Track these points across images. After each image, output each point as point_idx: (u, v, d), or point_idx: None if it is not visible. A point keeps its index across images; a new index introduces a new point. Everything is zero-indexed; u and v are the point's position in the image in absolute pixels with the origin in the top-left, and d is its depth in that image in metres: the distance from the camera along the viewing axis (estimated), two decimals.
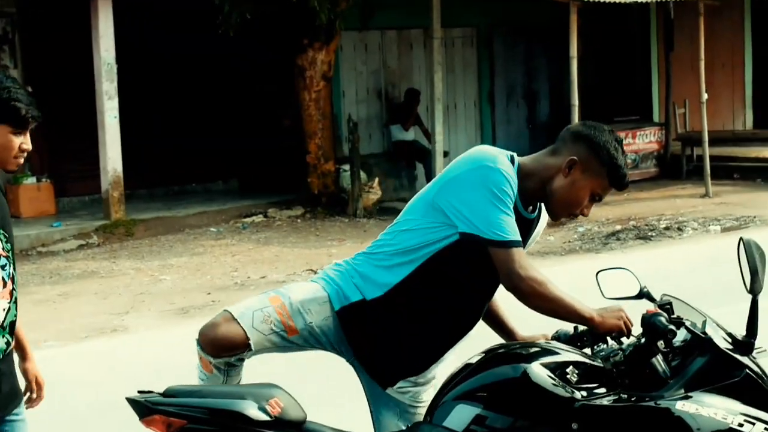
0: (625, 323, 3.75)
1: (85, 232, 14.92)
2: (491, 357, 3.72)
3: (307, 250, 13.74)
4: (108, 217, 15.19)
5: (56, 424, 6.92)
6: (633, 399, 3.56)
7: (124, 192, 15.26)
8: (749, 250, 3.63)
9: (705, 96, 17.76)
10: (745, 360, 3.63)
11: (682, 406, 3.51)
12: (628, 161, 19.10)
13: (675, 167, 20.21)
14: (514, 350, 3.79)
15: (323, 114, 16.92)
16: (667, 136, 20.60)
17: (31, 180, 15.86)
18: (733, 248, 3.95)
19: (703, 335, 3.64)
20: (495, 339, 4.21)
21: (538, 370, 3.53)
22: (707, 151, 17.93)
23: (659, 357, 3.67)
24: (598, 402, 3.54)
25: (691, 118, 20.22)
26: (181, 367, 8.29)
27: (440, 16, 16.71)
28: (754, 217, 15.46)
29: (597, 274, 4.12)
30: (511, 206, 3.75)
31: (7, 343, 3.93)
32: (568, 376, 3.54)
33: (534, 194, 3.95)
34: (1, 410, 3.98)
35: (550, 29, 19.52)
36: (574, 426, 3.47)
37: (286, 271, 12.53)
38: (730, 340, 3.69)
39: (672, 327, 3.65)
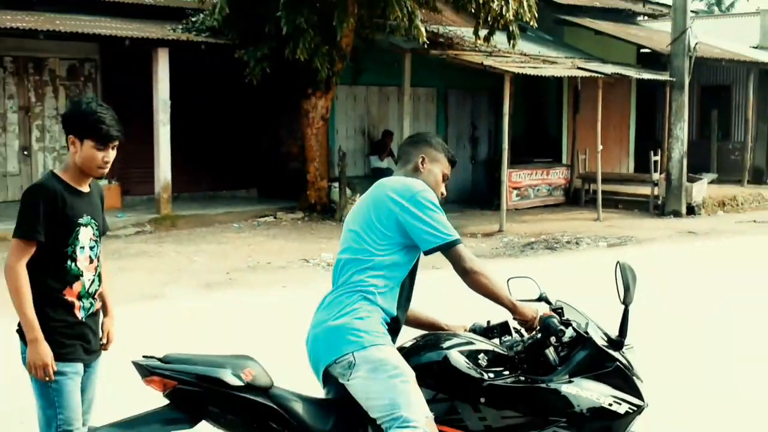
0: (535, 317, 3.65)
1: (141, 223, 14.77)
2: (421, 343, 3.67)
3: (304, 245, 13.55)
4: (158, 212, 15.12)
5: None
6: (529, 381, 3.53)
7: (171, 194, 15.22)
8: (624, 271, 3.59)
9: (600, 147, 17.83)
10: (616, 354, 3.63)
11: (566, 388, 3.51)
12: (539, 192, 19.36)
13: (576, 197, 20.23)
14: (439, 339, 3.66)
15: (320, 145, 16.94)
16: (572, 175, 20.71)
17: (104, 182, 15.77)
18: (614, 260, 3.93)
19: (585, 334, 3.62)
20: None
21: (455, 356, 3.49)
22: (600, 186, 18.02)
23: (551, 349, 3.65)
24: (501, 382, 3.49)
25: (590, 162, 20.27)
26: (199, 326, 8.28)
27: (410, 78, 16.84)
28: (631, 236, 15.48)
29: (508, 280, 4.03)
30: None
31: (92, 305, 4.00)
32: (480, 361, 3.50)
33: None
34: (88, 360, 3.97)
35: (490, 91, 19.60)
36: (482, 400, 3.43)
37: (287, 259, 12.35)
38: (606, 338, 3.69)
39: (562, 327, 3.63)
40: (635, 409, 3.59)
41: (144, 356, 3.44)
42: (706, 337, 8.10)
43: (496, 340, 3.85)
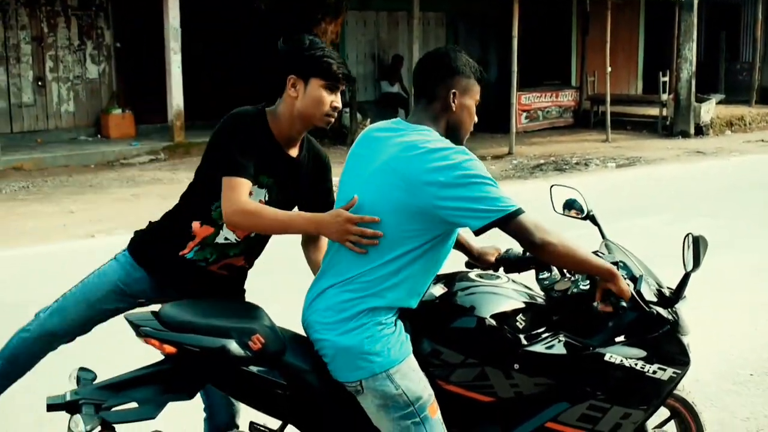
0: (629, 292, 3.00)
1: (155, 150, 14.55)
2: (453, 300, 3.09)
3: None
4: (172, 140, 14.85)
5: None
6: (569, 344, 3.04)
7: (184, 122, 14.94)
8: (696, 243, 3.05)
9: (609, 69, 17.50)
10: (668, 316, 3.14)
11: (609, 356, 3.03)
12: (548, 114, 19.07)
13: (585, 119, 19.92)
14: (472, 296, 3.10)
15: None
16: (581, 97, 20.42)
17: (118, 111, 15.68)
18: (622, 180, 3.58)
19: (640, 300, 3.06)
20: None
21: (490, 321, 2.99)
22: (609, 108, 17.71)
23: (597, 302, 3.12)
24: (539, 348, 3.01)
25: (599, 84, 19.96)
26: None
27: (419, 3, 16.46)
28: (640, 157, 15.24)
29: (551, 187, 3.58)
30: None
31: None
32: (517, 323, 3.03)
33: (449, 134, 3.00)
34: None
35: (498, 15, 19.20)
36: (516, 366, 2.98)
37: None
38: (658, 293, 3.20)
39: (657, 311, 3.13)
40: (679, 372, 3.16)
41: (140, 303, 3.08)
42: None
43: (532, 273, 3.39)
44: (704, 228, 4.61)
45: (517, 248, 3.37)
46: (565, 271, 3.35)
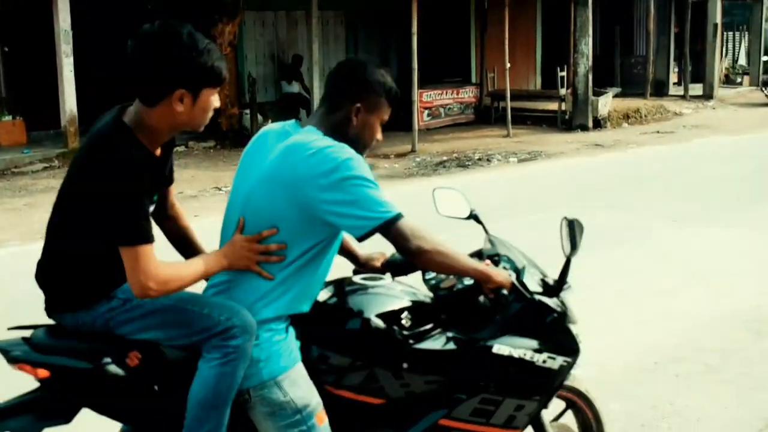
0: (509, 281, 2.98)
1: (48, 158, 14.07)
2: (338, 304, 3.03)
3: (217, 173, 13.14)
4: (66, 146, 14.37)
5: (15, 306, 6.37)
6: (457, 339, 3.00)
7: (78, 127, 14.46)
8: (571, 227, 3.05)
9: (508, 65, 17.73)
10: (554, 305, 3.10)
11: (498, 348, 2.99)
12: (450, 110, 19.14)
13: (486, 115, 20.07)
14: (356, 298, 3.04)
15: (229, 72, 16.12)
16: (481, 93, 20.59)
17: (8, 118, 15.17)
18: (524, 175, 3.57)
19: (522, 289, 3.03)
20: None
21: (375, 321, 2.91)
22: (509, 104, 17.89)
23: (482, 296, 3.11)
24: (426, 345, 2.95)
25: (498, 80, 20.16)
26: None
27: (318, 2, 16.35)
28: (541, 151, 15.43)
29: (434, 191, 3.53)
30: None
31: None
32: (403, 321, 2.95)
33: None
34: None
35: (397, 13, 19.18)
36: (405, 365, 2.91)
37: (199, 188, 11.92)
38: (542, 283, 3.17)
39: (540, 298, 3.09)
40: (569, 361, 3.13)
41: (11, 328, 2.82)
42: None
43: (418, 275, 3.29)
44: (605, 219, 4.62)
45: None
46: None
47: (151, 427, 2.86)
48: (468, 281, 3.11)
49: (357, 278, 3.16)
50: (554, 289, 3.14)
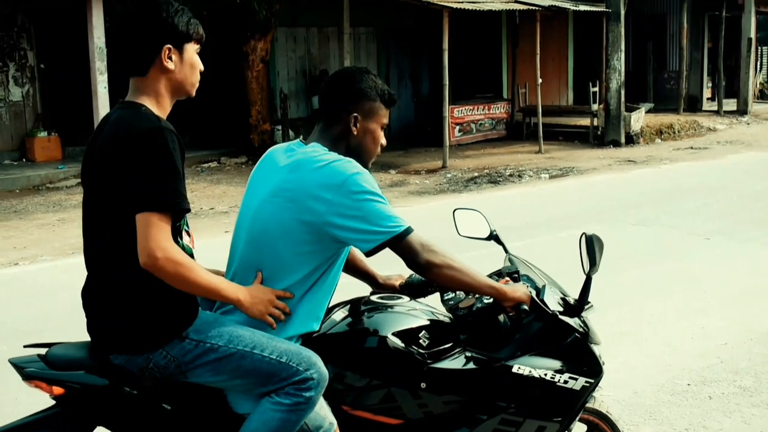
0: (528, 296, 2.97)
1: None
2: (354, 324, 2.99)
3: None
4: None
5: (47, 321, 6.39)
6: (476, 359, 2.97)
7: None
8: (590, 243, 2.99)
9: (540, 80, 17.64)
10: (575, 325, 3.07)
11: (518, 368, 2.97)
12: (481, 126, 19.09)
13: (518, 131, 20.03)
14: (374, 312, 3.02)
15: (261, 88, 16.58)
16: (513, 109, 20.54)
17: (44, 134, 15.43)
18: (556, 191, 3.55)
19: (543, 306, 3.00)
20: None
21: (393, 340, 2.88)
22: (541, 119, 17.82)
23: (503, 315, 3.11)
24: (444, 365, 2.91)
25: (530, 95, 20.12)
26: None
27: (349, 18, 16.36)
28: (573, 167, 15.33)
29: (454, 211, 3.53)
30: None
31: None
32: (420, 341, 2.91)
33: (352, 157, 2.87)
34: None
35: (429, 29, 19.21)
36: (423, 386, 2.88)
37: (230, 204, 11.97)
38: (563, 303, 3.13)
39: (555, 312, 3.05)
40: (592, 382, 3.08)
41: (27, 345, 2.80)
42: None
43: (437, 296, 3.27)
44: (637, 236, 4.56)
45: (416, 275, 3.23)
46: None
47: None
48: (487, 300, 3.07)
49: (374, 297, 3.14)
50: (575, 308, 3.10)
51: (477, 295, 3.12)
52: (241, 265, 2.87)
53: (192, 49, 2.81)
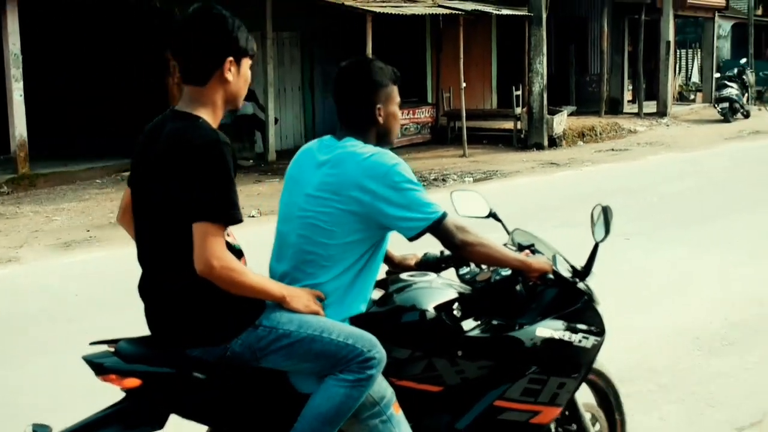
0: (551, 266, 3.35)
1: None
2: (393, 298, 3.25)
3: None
4: (15, 172, 14.13)
5: None
6: (502, 325, 3.30)
7: (28, 153, 14.21)
8: (606, 213, 3.45)
9: (463, 84, 17.77)
10: (585, 288, 3.48)
11: (540, 331, 3.31)
12: (406, 131, 19.17)
13: (442, 135, 20.15)
14: (408, 290, 3.28)
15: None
16: (437, 113, 20.66)
17: None
18: (482, 194, 3.78)
19: (561, 275, 3.39)
20: None
21: (431, 312, 3.16)
22: (465, 123, 17.94)
23: (519, 285, 3.44)
24: (477, 333, 3.22)
25: (454, 100, 20.25)
26: (56, 289, 7.74)
27: (272, 23, 16.29)
28: (497, 171, 15.49)
29: (451, 193, 3.77)
30: None
31: None
32: (454, 312, 3.21)
33: (379, 142, 3.17)
34: None
35: (353, 34, 19.19)
36: (459, 353, 3.18)
37: None
38: (571, 270, 3.49)
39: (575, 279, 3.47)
40: (600, 340, 3.47)
41: (93, 343, 2.91)
42: None
43: (452, 272, 3.58)
44: (559, 237, 4.62)
45: (432, 251, 3.61)
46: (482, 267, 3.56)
47: (232, 428, 2.99)
48: (505, 272, 3.39)
49: (403, 275, 3.40)
50: (582, 274, 3.48)
51: (492, 268, 3.45)
52: (295, 259, 3.10)
53: (247, 64, 2.98)
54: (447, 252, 3.50)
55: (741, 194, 12.24)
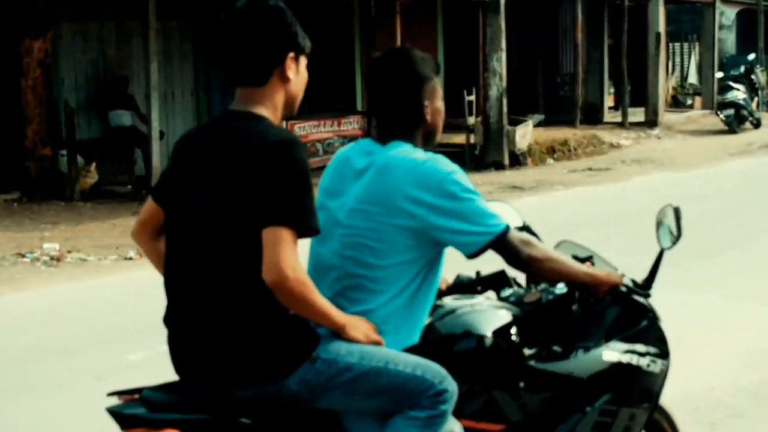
0: (621, 279, 3.67)
1: None
2: (437, 324, 3.47)
3: (20, 233, 12.76)
4: None
5: None
6: (565, 351, 3.54)
7: None
8: (677, 215, 3.81)
9: None
10: (650, 306, 3.78)
11: (607, 356, 3.57)
12: (329, 147, 19.16)
13: None
14: (455, 315, 3.51)
15: (40, 100, 16.18)
16: (369, 123, 20.63)
17: None
18: (514, 206, 4.16)
19: (630, 288, 3.70)
20: None
21: (489, 339, 3.39)
22: None
23: (575, 304, 3.70)
24: (537, 362, 3.45)
25: None
26: None
27: (156, 9, 16.19)
28: None
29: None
30: None
31: None
32: (513, 338, 3.44)
33: (428, 141, 3.50)
34: None
35: None
36: (522, 384, 3.40)
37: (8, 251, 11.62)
38: (631, 284, 3.74)
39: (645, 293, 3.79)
40: (666, 364, 3.74)
41: (110, 393, 3.10)
42: None
43: (492, 294, 3.81)
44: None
45: (465, 273, 3.89)
46: (524, 282, 3.87)
47: None
48: (559, 291, 3.66)
49: (445, 300, 3.64)
50: (644, 286, 3.78)
51: (542, 287, 3.73)
52: (338, 284, 3.32)
53: (304, 63, 3.27)
54: (483, 272, 3.85)
55: (749, 225, 12.43)
